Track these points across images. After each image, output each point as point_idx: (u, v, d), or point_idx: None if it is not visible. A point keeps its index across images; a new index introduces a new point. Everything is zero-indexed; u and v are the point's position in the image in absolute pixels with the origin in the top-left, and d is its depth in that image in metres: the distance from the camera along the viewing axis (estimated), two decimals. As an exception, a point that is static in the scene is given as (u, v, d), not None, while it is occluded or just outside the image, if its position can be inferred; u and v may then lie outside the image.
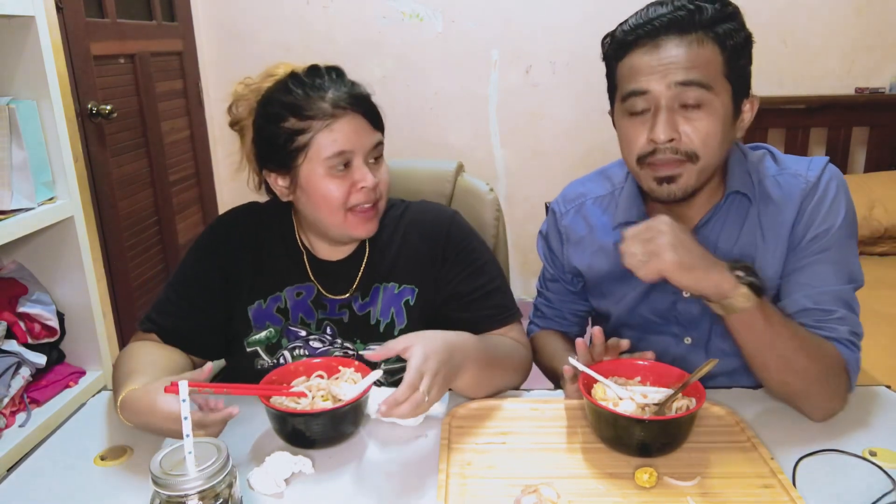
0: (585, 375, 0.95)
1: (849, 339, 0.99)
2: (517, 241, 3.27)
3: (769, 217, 1.06)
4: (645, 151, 1.00)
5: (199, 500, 0.69)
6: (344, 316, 1.14)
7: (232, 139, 1.22)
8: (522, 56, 3.02)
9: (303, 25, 2.99)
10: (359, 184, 1.05)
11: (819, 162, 1.07)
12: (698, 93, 0.96)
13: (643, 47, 0.98)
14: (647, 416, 0.89)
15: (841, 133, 2.90)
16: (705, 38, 0.96)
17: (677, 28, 0.96)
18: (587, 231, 1.19)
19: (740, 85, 1.00)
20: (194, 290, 1.14)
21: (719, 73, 0.97)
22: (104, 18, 2.27)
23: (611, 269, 1.16)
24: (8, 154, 1.47)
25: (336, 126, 1.04)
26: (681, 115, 0.98)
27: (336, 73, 1.09)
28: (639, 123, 1.00)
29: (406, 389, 0.88)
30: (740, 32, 0.99)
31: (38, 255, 1.65)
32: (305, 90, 1.05)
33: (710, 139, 0.98)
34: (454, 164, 1.46)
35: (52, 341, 1.63)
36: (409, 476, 0.88)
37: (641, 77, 0.98)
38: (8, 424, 1.47)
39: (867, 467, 0.87)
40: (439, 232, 1.16)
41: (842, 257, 1.03)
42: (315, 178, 1.06)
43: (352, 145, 1.04)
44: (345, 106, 1.04)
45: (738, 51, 0.98)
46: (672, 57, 0.96)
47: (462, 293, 1.14)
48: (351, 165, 1.06)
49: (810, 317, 1.00)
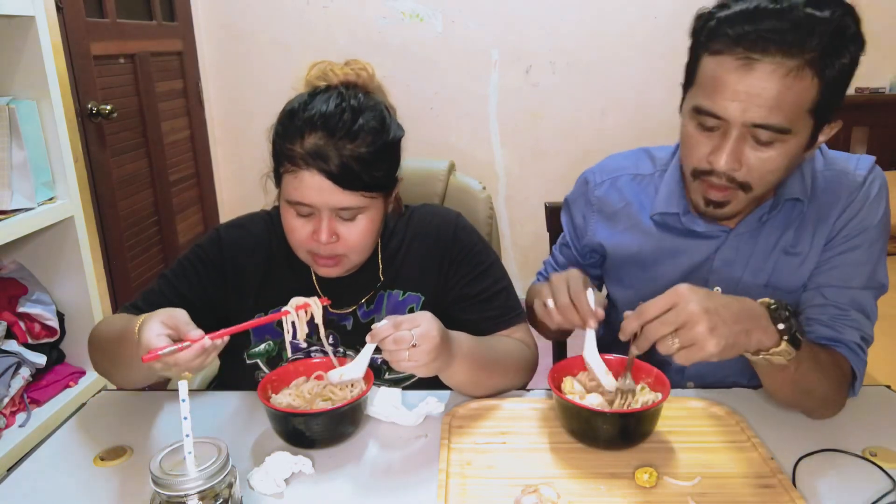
0: (554, 370, 0.97)
1: (857, 344, 0.99)
2: (517, 241, 3.28)
3: (814, 213, 1.04)
4: (702, 168, 0.96)
5: (199, 500, 0.69)
6: (348, 323, 1.14)
7: (232, 139, 1.21)
8: (522, 56, 3.02)
9: (303, 25, 2.99)
10: (315, 235, 1.02)
11: (866, 161, 1.05)
12: (773, 136, 0.90)
13: (736, 57, 0.87)
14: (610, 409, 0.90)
15: (841, 133, 2.89)
16: (806, 67, 0.85)
17: (780, 47, 0.85)
18: (622, 205, 1.16)
19: (828, 114, 0.92)
20: (191, 288, 1.12)
21: (805, 110, 0.89)
22: (104, 18, 2.27)
23: (637, 252, 1.14)
24: (8, 154, 1.47)
25: (300, 176, 0.98)
26: (749, 146, 0.92)
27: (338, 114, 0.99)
28: (704, 138, 0.95)
29: (389, 326, 0.89)
30: (847, 53, 0.87)
31: (38, 255, 1.65)
32: (294, 122, 1.00)
33: (771, 175, 0.94)
34: (446, 163, 1.46)
35: (52, 341, 1.63)
36: (409, 476, 0.88)
37: (721, 99, 0.89)
38: (8, 424, 1.47)
39: (867, 467, 0.87)
40: (445, 236, 1.15)
41: (868, 259, 1.01)
42: (284, 208, 1.04)
43: (311, 201, 0.99)
44: (309, 163, 0.97)
45: (838, 82, 0.88)
46: (760, 88, 0.86)
47: (468, 295, 1.14)
48: (314, 215, 1.02)
49: (825, 313, 1.00)
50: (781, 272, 1.06)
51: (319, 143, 0.97)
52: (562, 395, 0.92)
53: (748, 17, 0.87)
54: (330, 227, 1.01)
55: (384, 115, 1.05)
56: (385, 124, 1.04)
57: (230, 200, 3.16)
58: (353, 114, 1.00)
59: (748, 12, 0.87)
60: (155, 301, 1.09)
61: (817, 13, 0.85)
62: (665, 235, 1.12)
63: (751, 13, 0.87)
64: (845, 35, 0.87)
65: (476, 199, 1.43)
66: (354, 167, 0.98)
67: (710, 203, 0.99)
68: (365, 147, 0.99)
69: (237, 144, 3.12)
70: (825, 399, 0.96)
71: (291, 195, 1.00)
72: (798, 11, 0.85)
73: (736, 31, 0.87)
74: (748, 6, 0.88)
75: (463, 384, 1.02)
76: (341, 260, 1.06)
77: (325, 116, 0.99)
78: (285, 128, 1.01)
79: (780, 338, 0.83)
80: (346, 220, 1.02)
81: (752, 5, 0.87)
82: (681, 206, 1.08)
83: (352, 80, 1.06)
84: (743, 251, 1.07)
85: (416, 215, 1.19)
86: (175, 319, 0.85)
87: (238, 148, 3.13)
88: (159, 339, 0.83)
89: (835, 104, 0.91)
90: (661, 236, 1.12)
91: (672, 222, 1.11)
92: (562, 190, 1.29)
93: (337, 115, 0.99)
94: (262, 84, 3.05)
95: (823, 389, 0.94)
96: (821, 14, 0.85)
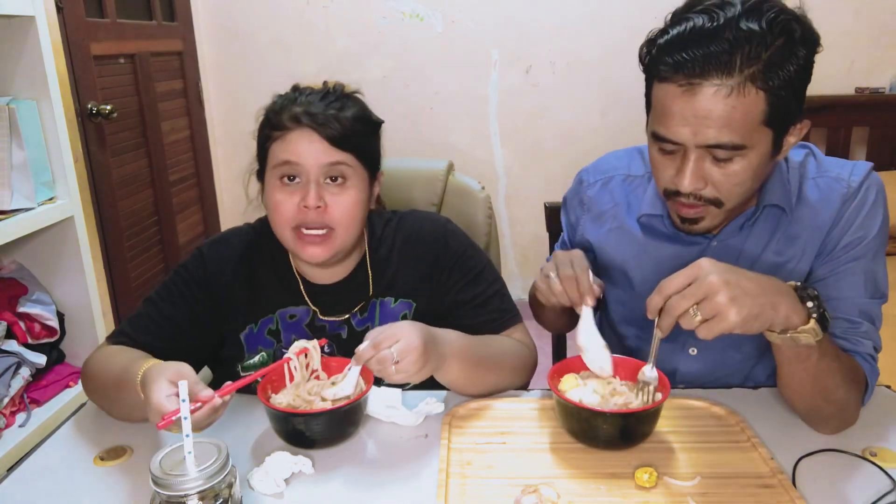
0: (554, 370, 0.97)
1: (870, 355, 0.99)
2: (517, 241, 3.28)
3: (805, 220, 1.02)
4: (671, 189, 0.96)
5: (199, 500, 0.69)
6: (342, 332, 1.14)
7: (232, 139, 1.22)
8: (522, 56, 3.02)
9: (303, 25, 2.99)
10: (302, 202, 1.03)
11: (862, 167, 1.03)
12: (730, 153, 0.89)
13: (678, 84, 0.87)
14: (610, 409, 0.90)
15: (841, 133, 2.90)
16: (749, 83, 0.85)
17: (718, 69, 0.84)
18: (611, 206, 1.16)
19: (787, 121, 0.91)
20: (177, 311, 1.10)
21: (758, 123, 0.88)
22: (104, 18, 2.27)
23: (621, 255, 1.14)
24: (8, 154, 1.47)
25: (289, 136, 1.03)
26: (710, 163, 0.91)
27: (324, 92, 1.08)
28: (667, 160, 0.95)
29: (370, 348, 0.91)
30: (794, 59, 0.86)
31: (38, 255, 1.65)
32: (283, 101, 1.06)
33: (738, 187, 0.93)
34: (445, 164, 1.46)
35: (52, 341, 1.63)
36: (409, 476, 0.88)
37: (672, 124, 0.90)
38: (8, 424, 1.47)
39: (867, 467, 0.87)
40: (436, 243, 1.15)
41: (872, 268, 1.00)
42: (269, 188, 1.06)
43: (298, 157, 1.02)
44: (300, 119, 1.03)
45: (790, 88, 0.87)
46: (706, 111, 0.86)
47: (462, 301, 1.14)
48: (301, 181, 1.04)
49: (838, 327, 0.98)
50: None
51: (310, 108, 1.03)
52: (562, 396, 0.92)
53: (685, 43, 0.86)
54: (318, 192, 1.03)
55: (366, 104, 1.12)
56: (367, 109, 1.11)
57: (230, 200, 3.16)
58: (339, 94, 1.08)
59: (684, 37, 0.87)
60: (142, 326, 1.09)
61: (754, 27, 0.84)
62: (649, 240, 1.12)
63: (686, 38, 0.87)
64: (791, 41, 0.86)
65: (475, 198, 1.43)
66: (345, 125, 1.03)
67: (685, 220, 1.00)
68: (351, 114, 1.05)
69: (237, 144, 3.11)
70: (842, 405, 0.93)
71: (279, 156, 1.03)
72: (733, 29, 0.84)
73: (675, 58, 0.87)
74: (684, 29, 0.87)
75: (458, 382, 1.03)
76: (328, 237, 1.05)
77: (314, 92, 1.07)
78: (274, 106, 1.07)
79: (809, 316, 0.83)
80: (334, 186, 1.04)
81: (688, 27, 0.87)
82: (665, 209, 1.08)
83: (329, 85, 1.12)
84: (728, 258, 1.05)
85: (404, 222, 1.18)
86: (181, 376, 0.84)
87: (238, 148, 3.12)
88: (169, 400, 0.82)
89: (793, 109, 0.90)
90: (645, 241, 1.12)
91: (657, 225, 1.11)
92: (562, 190, 1.29)
93: (324, 93, 1.07)
94: (262, 84, 3.02)
95: (842, 393, 0.92)
96: (757, 27, 0.84)
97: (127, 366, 0.95)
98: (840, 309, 0.99)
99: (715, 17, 0.85)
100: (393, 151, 1.19)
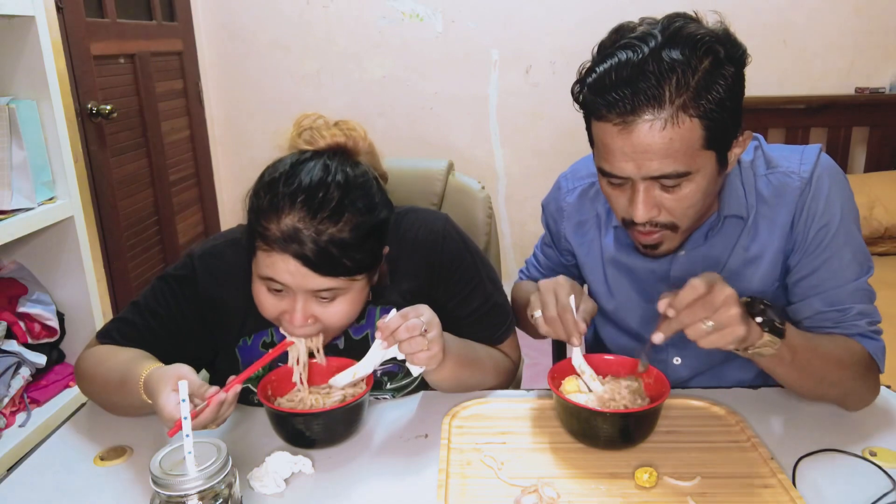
0: (554, 370, 0.98)
1: (870, 331, 0.99)
2: (517, 241, 3.28)
3: (763, 219, 1.03)
4: (626, 218, 0.97)
5: (199, 500, 0.69)
6: (339, 342, 1.10)
7: (232, 139, 1.20)
8: (522, 56, 3.02)
9: (303, 25, 2.99)
10: (288, 315, 0.96)
11: (811, 153, 1.02)
12: (676, 180, 0.90)
13: (613, 123, 0.88)
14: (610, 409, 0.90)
15: (841, 133, 2.90)
16: (681, 113, 0.85)
17: (649, 104, 0.85)
18: (590, 215, 1.16)
19: (727, 138, 0.91)
20: (169, 314, 1.06)
21: (700, 147, 0.88)
22: (104, 18, 2.27)
23: (597, 264, 1.15)
24: (8, 154, 1.47)
25: (274, 257, 0.92)
26: (659, 191, 0.92)
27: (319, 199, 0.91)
28: (618, 192, 0.96)
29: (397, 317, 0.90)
30: (723, 79, 0.86)
31: (38, 255, 1.65)
32: (272, 197, 0.92)
33: (691, 209, 0.94)
34: (445, 164, 1.46)
35: (52, 341, 1.63)
36: (409, 476, 0.88)
37: (615, 161, 0.90)
38: (8, 424, 1.47)
39: (867, 467, 0.87)
40: (434, 249, 1.10)
41: (848, 249, 1.00)
42: (255, 281, 0.98)
43: (283, 280, 0.93)
44: (285, 244, 0.90)
45: (723, 108, 0.87)
46: (645, 146, 0.87)
47: (458, 317, 1.11)
48: (288, 294, 0.95)
49: (828, 319, 0.99)
50: (743, 278, 1.05)
51: (298, 225, 0.90)
52: (562, 396, 0.92)
53: (613, 81, 0.86)
54: (305, 310, 0.95)
55: (372, 193, 0.98)
56: (372, 203, 0.97)
57: (230, 200, 3.16)
58: (338, 191, 0.92)
59: (610, 76, 0.87)
60: (129, 334, 1.05)
61: (676, 56, 0.84)
62: (622, 250, 1.12)
63: (614, 75, 0.86)
64: (716, 62, 0.85)
65: (475, 198, 1.43)
66: (334, 252, 0.91)
67: (645, 247, 1.01)
68: (348, 231, 0.92)
69: (237, 144, 3.12)
70: (847, 385, 0.97)
71: (263, 271, 0.94)
72: (657, 61, 0.84)
73: (605, 98, 0.87)
74: (609, 67, 0.87)
75: (448, 381, 1.03)
76: (318, 334, 1.00)
77: (308, 194, 0.91)
78: (262, 201, 0.93)
79: (761, 331, 0.85)
80: (324, 300, 0.96)
81: (613, 64, 0.87)
82: None
83: (340, 143, 1.00)
84: (697, 264, 1.06)
85: (402, 225, 1.11)
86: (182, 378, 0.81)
87: (238, 148, 3.13)
88: (179, 408, 0.80)
89: (731, 126, 0.90)
90: (617, 251, 1.13)
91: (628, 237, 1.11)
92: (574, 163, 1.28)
93: (320, 193, 0.91)
94: (262, 84, 3.05)
95: (838, 375, 0.95)
96: (680, 56, 0.84)
97: (127, 367, 0.95)
98: (826, 301, 1.00)
99: (638, 51, 0.85)
100: (393, 151, 1.19)
